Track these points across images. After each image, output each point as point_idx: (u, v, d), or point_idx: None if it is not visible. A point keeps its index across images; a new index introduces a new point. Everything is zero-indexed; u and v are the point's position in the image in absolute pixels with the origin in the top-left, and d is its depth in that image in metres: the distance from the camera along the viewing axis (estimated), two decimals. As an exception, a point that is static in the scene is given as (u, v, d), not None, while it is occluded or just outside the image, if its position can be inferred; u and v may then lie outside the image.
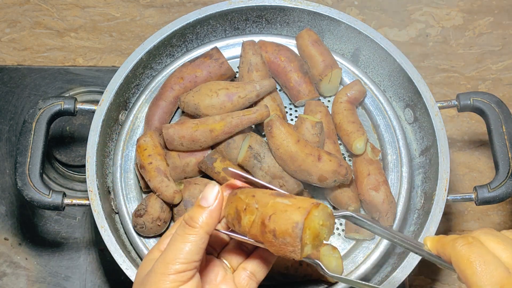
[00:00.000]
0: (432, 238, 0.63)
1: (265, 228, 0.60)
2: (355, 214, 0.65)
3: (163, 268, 0.59)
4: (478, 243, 0.57)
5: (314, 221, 0.60)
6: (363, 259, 0.87)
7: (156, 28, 1.20)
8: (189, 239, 0.59)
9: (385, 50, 0.95)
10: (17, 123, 1.12)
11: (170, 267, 0.59)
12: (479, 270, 0.55)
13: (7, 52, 1.20)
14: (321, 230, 0.61)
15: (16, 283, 1.01)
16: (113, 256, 0.83)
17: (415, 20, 1.24)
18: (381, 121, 0.96)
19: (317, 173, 0.84)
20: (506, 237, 0.58)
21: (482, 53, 1.21)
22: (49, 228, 1.05)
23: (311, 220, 0.60)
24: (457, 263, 0.57)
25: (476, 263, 0.55)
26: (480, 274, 0.55)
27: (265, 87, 0.90)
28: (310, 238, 0.60)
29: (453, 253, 0.57)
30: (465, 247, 0.57)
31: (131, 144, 0.94)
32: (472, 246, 0.57)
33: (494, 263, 0.55)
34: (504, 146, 0.89)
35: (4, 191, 1.07)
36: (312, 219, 0.60)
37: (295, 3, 0.98)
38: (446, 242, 0.60)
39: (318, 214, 0.60)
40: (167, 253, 0.60)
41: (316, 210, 0.60)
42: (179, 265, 0.59)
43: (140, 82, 0.98)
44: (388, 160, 0.94)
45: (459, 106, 0.93)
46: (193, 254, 0.59)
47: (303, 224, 0.59)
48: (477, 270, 0.55)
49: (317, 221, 0.60)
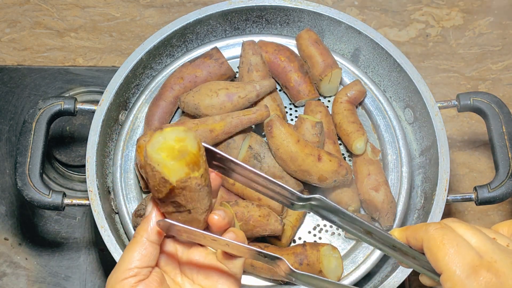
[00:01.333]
0: (399, 228, 0.63)
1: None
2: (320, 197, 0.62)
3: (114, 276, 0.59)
4: (449, 228, 0.58)
5: (157, 144, 0.56)
6: (363, 259, 0.87)
7: (156, 28, 1.20)
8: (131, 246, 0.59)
9: (385, 50, 0.95)
10: (17, 123, 1.12)
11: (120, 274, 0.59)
12: (451, 251, 0.55)
13: (7, 52, 1.20)
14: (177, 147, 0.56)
15: (16, 283, 1.01)
16: (113, 256, 0.83)
17: (415, 20, 1.24)
18: (381, 121, 0.96)
19: (317, 173, 0.84)
20: (474, 226, 0.59)
21: (482, 53, 1.21)
22: (49, 228, 1.05)
23: (152, 145, 0.56)
24: (429, 246, 0.57)
25: (448, 245, 0.56)
26: (452, 255, 0.55)
27: (265, 87, 0.90)
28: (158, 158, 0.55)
29: (426, 237, 0.58)
30: (438, 230, 0.57)
31: (131, 144, 0.94)
32: (445, 229, 0.57)
33: (466, 246, 0.56)
34: (504, 146, 0.89)
35: (4, 191, 1.07)
36: (153, 143, 0.56)
37: (295, 3, 0.98)
38: (417, 228, 0.60)
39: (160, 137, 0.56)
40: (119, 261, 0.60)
41: (159, 133, 0.56)
42: (127, 271, 0.58)
43: (140, 82, 0.98)
44: (388, 160, 0.94)
45: (459, 106, 0.93)
46: (135, 261, 0.58)
47: (146, 152, 0.56)
48: (449, 251, 0.56)
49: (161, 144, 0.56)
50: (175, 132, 0.57)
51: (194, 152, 0.56)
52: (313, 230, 0.90)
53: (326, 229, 0.90)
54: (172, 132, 0.57)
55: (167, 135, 0.57)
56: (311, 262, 0.82)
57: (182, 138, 0.57)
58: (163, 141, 0.56)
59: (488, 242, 0.57)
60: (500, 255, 0.55)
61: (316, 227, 0.90)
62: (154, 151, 0.56)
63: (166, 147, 0.56)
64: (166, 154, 0.56)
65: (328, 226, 0.90)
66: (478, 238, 0.57)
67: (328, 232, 0.90)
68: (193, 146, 0.56)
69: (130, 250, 0.58)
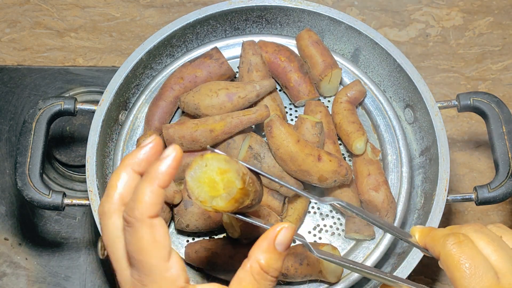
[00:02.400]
0: (421, 230, 0.62)
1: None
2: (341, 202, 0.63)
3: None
4: (469, 243, 0.55)
5: (197, 175, 0.56)
6: (363, 259, 0.87)
7: (156, 28, 1.20)
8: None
9: (385, 50, 0.95)
10: (17, 123, 1.12)
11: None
12: (468, 273, 0.54)
13: (7, 52, 1.20)
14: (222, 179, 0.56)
15: (16, 283, 1.01)
16: (113, 256, 0.83)
17: (415, 20, 1.24)
18: (381, 121, 0.96)
19: (317, 173, 0.84)
20: (497, 237, 0.57)
21: (482, 53, 1.21)
22: (49, 228, 1.05)
23: (192, 174, 0.56)
24: (446, 263, 0.56)
25: (465, 265, 0.54)
26: (469, 278, 0.54)
27: (265, 87, 0.90)
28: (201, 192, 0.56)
29: (443, 252, 0.56)
30: (456, 246, 0.55)
31: (131, 144, 0.94)
32: (463, 245, 0.55)
33: (484, 267, 0.54)
34: (504, 146, 0.89)
35: (4, 191, 1.07)
36: (193, 174, 0.56)
37: (295, 3, 0.98)
38: (436, 238, 0.58)
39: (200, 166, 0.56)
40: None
41: (196, 162, 0.56)
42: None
43: (140, 82, 0.98)
44: (388, 160, 0.94)
45: (459, 106, 0.93)
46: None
47: (186, 180, 0.56)
48: (466, 273, 0.54)
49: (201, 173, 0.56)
50: (216, 163, 0.56)
51: (240, 187, 0.56)
52: (313, 230, 0.90)
53: (326, 229, 0.90)
54: (213, 161, 0.56)
55: (209, 165, 0.56)
56: (311, 262, 0.82)
57: (224, 170, 0.56)
58: (205, 173, 0.56)
59: (508, 261, 0.55)
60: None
61: (316, 227, 0.90)
62: (197, 186, 0.55)
63: (209, 181, 0.56)
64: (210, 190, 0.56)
65: (328, 226, 0.90)
66: (499, 255, 0.55)
67: (328, 232, 0.90)
68: (238, 182, 0.56)
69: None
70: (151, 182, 0.50)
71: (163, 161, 0.51)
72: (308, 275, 0.83)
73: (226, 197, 0.56)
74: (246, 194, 0.57)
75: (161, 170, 0.50)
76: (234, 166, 0.56)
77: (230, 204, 0.56)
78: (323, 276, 0.83)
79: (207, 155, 0.56)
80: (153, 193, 0.50)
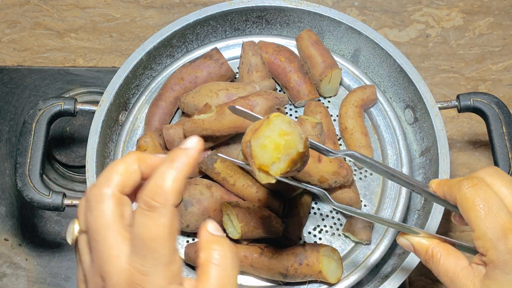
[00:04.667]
0: (438, 181, 0.64)
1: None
2: (355, 153, 0.64)
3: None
4: (483, 185, 0.57)
5: (264, 136, 0.56)
6: (363, 260, 0.87)
7: (156, 29, 1.20)
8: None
9: (385, 50, 0.95)
10: (17, 123, 1.12)
11: None
12: (483, 213, 0.56)
13: (7, 53, 1.20)
14: (285, 141, 0.56)
15: (16, 284, 1.01)
16: (113, 256, 0.83)
17: (415, 20, 1.24)
18: (381, 122, 0.96)
19: (318, 174, 0.84)
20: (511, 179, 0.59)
21: (482, 54, 1.21)
22: (49, 228, 1.05)
23: (258, 136, 0.56)
24: (462, 205, 0.58)
25: (480, 206, 0.56)
26: (483, 217, 0.56)
27: (265, 88, 0.90)
28: (268, 155, 0.56)
29: (459, 196, 0.58)
30: (470, 189, 0.57)
31: (131, 145, 0.94)
32: (477, 188, 0.57)
33: (498, 206, 0.56)
34: (504, 147, 0.89)
35: (4, 191, 1.07)
36: (260, 136, 0.56)
37: (295, 4, 0.98)
38: (452, 185, 0.60)
39: (269, 128, 0.56)
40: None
41: (267, 124, 0.56)
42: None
43: (140, 82, 0.98)
44: (388, 160, 0.94)
45: (459, 107, 0.93)
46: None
47: (250, 142, 0.56)
48: (480, 213, 0.56)
49: (269, 134, 0.56)
50: (280, 124, 0.56)
51: (302, 151, 0.56)
52: (313, 230, 0.90)
53: (326, 230, 0.90)
54: (278, 123, 0.56)
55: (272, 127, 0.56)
56: (311, 262, 0.82)
57: (287, 132, 0.57)
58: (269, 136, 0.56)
59: None
60: None
61: (316, 227, 0.90)
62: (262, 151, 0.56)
63: (273, 145, 0.56)
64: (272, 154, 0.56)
65: (328, 227, 0.90)
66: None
67: (328, 233, 0.90)
68: (300, 146, 0.56)
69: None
70: (178, 171, 0.49)
71: (188, 152, 0.50)
72: (308, 275, 0.83)
73: (285, 159, 0.56)
74: (303, 157, 0.57)
75: (187, 161, 0.50)
76: (297, 129, 0.57)
77: (288, 166, 0.56)
78: (323, 277, 0.83)
79: (273, 116, 0.56)
80: (180, 181, 0.49)
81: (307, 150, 0.58)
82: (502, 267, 0.55)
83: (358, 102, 0.93)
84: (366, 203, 0.92)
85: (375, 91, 0.95)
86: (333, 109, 0.98)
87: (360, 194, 0.91)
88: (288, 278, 0.83)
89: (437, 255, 0.62)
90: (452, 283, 0.60)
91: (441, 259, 0.61)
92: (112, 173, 0.52)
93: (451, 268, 0.60)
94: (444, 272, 0.61)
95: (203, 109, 0.84)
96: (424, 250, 0.63)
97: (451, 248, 0.62)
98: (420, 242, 0.64)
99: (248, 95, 0.85)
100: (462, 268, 0.59)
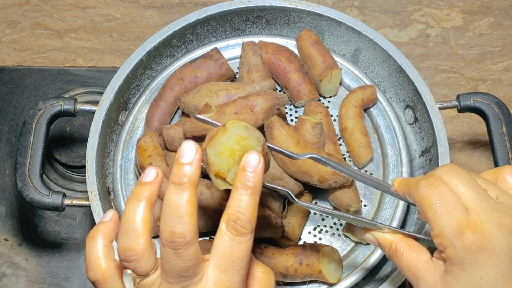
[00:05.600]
0: (400, 180, 0.65)
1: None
2: (318, 156, 0.66)
3: None
4: (439, 184, 0.59)
5: (220, 143, 0.57)
6: (363, 260, 0.87)
7: (156, 29, 1.20)
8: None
9: (385, 50, 0.95)
10: (17, 123, 1.12)
11: None
12: (439, 212, 0.57)
13: (7, 53, 1.20)
14: (241, 146, 0.57)
15: (16, 284, 1.01)
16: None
17: (415, 20, 1.24)
18: (381, 122, 0.96)
19: (318, 174, 0.84)
20: (468, 177, 0.60)
21: (482, 54, 1.21)
22: (49, 228, 1.05)
23: (214, 144, 0.57)
24: (420, 205, 0.59)
25: (436, 205, 0.58)
26: (440, 216, 0.57)
27: (265, 88, 0.90)
28: (224, 162, 0.57)
29: (416, 195, 0.60)
30: (427, 189, 0.59)
31: (131, 145, 0.94)
32: (433, 187, 0.58)
33: (453, 204, 0.57)
34: (504, 147, 0.89)
35: (4, 191, 1.07)
36: (215, 143, 0.57)
37: (295, 4, 0.98)
38: (411, 184, 0.62)
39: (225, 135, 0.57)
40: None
41: (223, 131, 0.57)
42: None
43: (140, 82, 0.98)
44: (388, 160, 0.94)
45: (459, 107, 0.93)
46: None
47: (206, 150, 0.57)
48: (437, 212, 0.57)
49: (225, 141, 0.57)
50: (237, 130, 0.57)
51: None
52: (313, 230, 0.90)
53: (326, 230, 0.90)
54: (234, 129, 0.57)
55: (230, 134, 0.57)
56: (311, 262, 0.82)
57: (245, 137, 0.57)
58: (224, 144, 0.57)
59: (477, 199, 0.58)
60: (488, 214, 0.57)
61: (316, 227, 0.90)
62: (218, 159, 0.57)
63: (229, 152, 0.57)
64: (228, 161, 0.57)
65: (328, 227, 0.90)
66: (469, 194, 0.58)
67: (328, 233, 0.90)
68: (258, 149, 0.57)
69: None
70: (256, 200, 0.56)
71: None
72: (307, 275, 0.83)
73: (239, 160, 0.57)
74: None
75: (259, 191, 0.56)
76: (255, 133, 0.58)
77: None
78: (323, 277, 0.83)
79: (229, 124, 0.57)
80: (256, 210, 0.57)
81: (265, 153, 0.59)
82: (458, 264, 0.57)
83: (358, 102, 0.94)
84: (366, 203, 0.92)
85: (375, 91, 0.95)
86: (333, 109, 0.98)
87: (360, 194, 0.91)
88: (288, 278, 0.83)
89: (400, 249, 0.63)
90: (414, 277, 0.61)
91: (404, 253, 0.63)
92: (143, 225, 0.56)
93: (413, 263, 0.61)
94: (406, 266, 0.62)
95: (203, 109, 0.84)
96: (388, 245, 0.65)
97: (414, 243, 0.64)
98: (385, 237, 0.65)
99: (248, 95, 0.85)
100: (424, 262, 0.61)
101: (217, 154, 0.57)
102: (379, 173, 0.94)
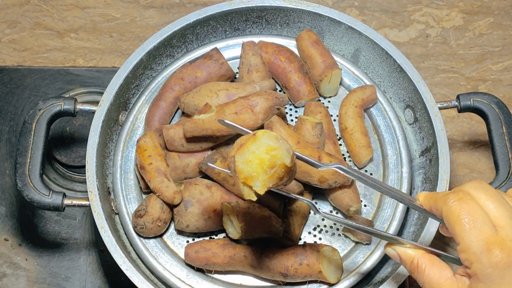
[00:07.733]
0: (425, 194, 0.65)
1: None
2: (343, 166, 0.66)
3: None
4: (468, 199, 0.58)
5: (249, 152, 0.57)
6: (363, 260, 0.87)
7: (156, 29, 1.20)
8: None
9: (385, 50, 0.95)
10: (17, 123, 1.12)
11: None
12: (468, 227, 0.57)
13: (7, 53, 1.20)
14: (270, 156, 0.57)
15: (16, 284, 1.01)
16: (113, 256, 0.83)
17: (415, 21, 1.24)
18: (381, 122, 0.96)
19: (318, 175, 0.84)
20: (497, 193, 0.60)
21: (482, 54, 1.21)
22: (49, 228, 1.05)
23: (243, 152, 0.57)
24: (448, 219, 0.59)
25: (465, 220, 0.57)
26: (468, 231, 0.57)
27: (265, 88, 0.90)
28: (252, 170, 0.57)
29: (445, 209, 0.59)
30: (456, 203, 0.58)
31: (131, 145, 0.94)
32: (462, 202, 0.58)
33: (482, 220, 0.57)
34: (504, 147, 0.89)
35: (4, 191, 1.07)
36: (244, 151, 0.56)
37: (295, 4, 0.98)
38: (438, 198, 0.61)
39: (255, 144, 0.57)
40: None
41: (253, 140, 0.57)
42: None
43: (140, 82, 0.98)
44: (388, 160, 0.94)
45: (459, 107, 0.93)
46: None
47: (234, 157, 0.57)
48: (465, 227, 0.57)
49: (254, 150, 0.57)
50: (267, 140, 0.57)
51: (289, 166, 0.57)
52: (313, 230, 0.90)
53: (326, 230, 0.90)
54: (264, 139, 0.57)
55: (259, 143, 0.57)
56: (311, 262, 0.82)
57: (274, 148, 0.57)
58: (254, 152, 0.57)
59: (506, 216, 0.57)
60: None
61: (316, 227, 0.90)
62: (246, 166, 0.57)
63: (258, 160, 0.57)
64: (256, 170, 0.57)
65: (329, 227, 0.90)
66: (498, 210, 0.58)
67: (328, 233, 0.90)
68: (287, 160, 0.57)
69: None
70: None
71: None
72: (308, 275, 0.83)
73: (270, 173, 0.57)
74: (289, 172, 0.58)
75: None
76: (285, 145, 0.57)
77: (273, 181, 0.57)
78: (323, 277, 0.83)
79: (259, 133, 0.57)
80: None
81: (293, 165, 0.59)
82: (484, 280, 0.56)
83: (358, 102, 0.94)
84: (366, 203, 0.92)
85: (375, 91, 0.95)
86: (333, 109, 0.98)
87: (360, 194, 0.91)
88: (288, 278, 0.83)
89: (422, 265, 0.63)
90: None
91: (426, 269, 0.62)
92: None
93: (435, 279, 0.61)
94: (428, 282, 0.62)
95: (203, 109, 0.84)
96: (410, 260, 0.65)
97: (436, 259, 0.63)
98: (406, 252, 0.65)
99: (248, 95, 0.85)
100: (446, 279, 0.61)
101: (246, 162, 0.57)
102: (379, 173, 0.94)
